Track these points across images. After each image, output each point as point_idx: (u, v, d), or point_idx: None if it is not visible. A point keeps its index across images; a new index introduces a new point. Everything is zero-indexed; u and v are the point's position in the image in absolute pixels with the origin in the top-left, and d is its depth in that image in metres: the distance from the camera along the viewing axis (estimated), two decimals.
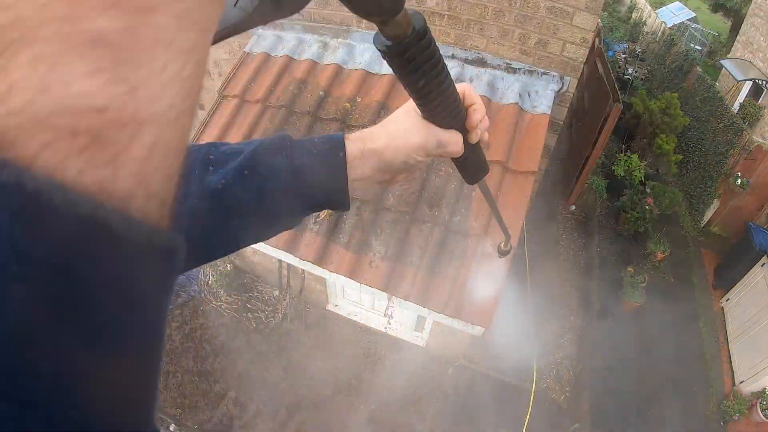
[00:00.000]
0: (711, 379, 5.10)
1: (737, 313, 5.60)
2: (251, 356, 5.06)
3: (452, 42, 2.34)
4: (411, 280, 1.96)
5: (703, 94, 8.31)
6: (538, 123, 2.18)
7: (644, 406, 4.74)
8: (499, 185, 2.07)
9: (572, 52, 2.12)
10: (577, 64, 2.14)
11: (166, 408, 4.54)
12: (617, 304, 5.63)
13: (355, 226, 2.09)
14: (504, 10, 2.12)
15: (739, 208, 6.72)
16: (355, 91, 2.42)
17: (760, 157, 6.24)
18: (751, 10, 10.12)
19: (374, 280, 1.98)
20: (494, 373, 4.92)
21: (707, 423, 4.70)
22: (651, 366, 5.15)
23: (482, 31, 2.22)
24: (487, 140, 0.62)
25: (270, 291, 5.70)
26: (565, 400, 4.76)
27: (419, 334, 5.09)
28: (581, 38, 2.07)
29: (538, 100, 2.24)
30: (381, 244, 2.04)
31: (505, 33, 2.18)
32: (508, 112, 2.21)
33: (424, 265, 1.96)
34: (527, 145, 2.13)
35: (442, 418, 4.55)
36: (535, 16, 2.08)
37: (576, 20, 2.02)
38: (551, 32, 2.09)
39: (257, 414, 4.57)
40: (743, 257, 5.75)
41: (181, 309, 5.58)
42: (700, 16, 16.14)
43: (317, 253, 2.07)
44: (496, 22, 2.17)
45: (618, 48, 12.85)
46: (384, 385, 4.82)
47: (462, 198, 2.08)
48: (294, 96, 2.44)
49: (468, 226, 2.00)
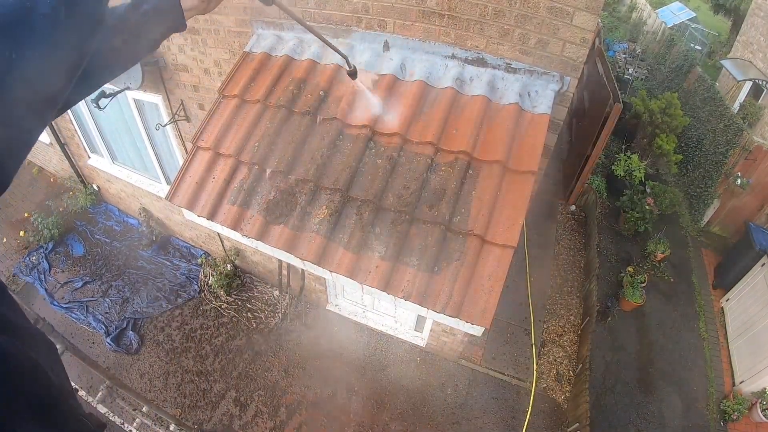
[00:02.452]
0: (711, 379, 5.10)
1: (737, 313, 5.60)
2: (251, 356, 5.06)
3: (452, 42, 2.33)
4: (411, 280, 1.96)
5: (703, 94, 8.31)
6: (538, 123, 2.18)
7: (644, 406, 4.74)
8: (499, 185, 2.07)
9: (572, 52, 2.12)
10: (577, 64, 2.14)
11: (166, 408, 4.53)
12: (617, 304, 5.63)
13: (355, 226, 2.08)
14: (504, 9, 2.11)
15: (739, 208, 6.73)
16: (354, 91, 2.42)
17: (760, 157, 6.24)
18: (751, 10, 10.12)
19: (374, 280, 1.97)
20: (494, 372, 4.92)
21: (707, 423, 4.70)
22: (651, 366, 5.15)
23: (482, 31, 2.22)
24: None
25: (270, 291, 5.70)
26: (565, 400, 4.76)
27: (419, 334, 5.09)
28: (581, 38, 2.06)
29: (538, 100, 2.23)
30: (381, 244, 2.04)
31: (505, 33, 2.18)
32: (508, 112, 2.20)
33: (424, 265, 1.96)
34: (527, 145, 2.13)
35: (442, 418, 4.55)
36: (535, 16, 2.07)
37: (576, 20, 2.02)
38: (551, 32, 2.09)
39: (257, 414, 4.57)
40: (743, 257, 5.75)
41: (181, 309, 5.58)
42: (700, 16, 16.13)
43: (317, 253, 2.07)
44: (496, 21, 2.16)
45: (618, 48, 12.85)
46: (384, 384, 4.82)
47: (462, 198, 2.08)
48: (294, 96, 2.44)
49: (468, 226, 2.00)
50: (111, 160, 5.76)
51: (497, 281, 1.90)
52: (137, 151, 5.20)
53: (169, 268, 6.03)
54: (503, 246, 1.95)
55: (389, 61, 2.45)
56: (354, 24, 2.51)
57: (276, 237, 2.16)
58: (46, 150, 6.96)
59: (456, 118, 2.25)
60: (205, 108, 3.82)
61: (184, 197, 2.41)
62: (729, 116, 7.04)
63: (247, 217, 2.27)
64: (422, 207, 2.07)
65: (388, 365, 4.97)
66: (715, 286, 6.27)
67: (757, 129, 8.60)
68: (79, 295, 5.68)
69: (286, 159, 2.27)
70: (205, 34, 3.19)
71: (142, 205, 6.11)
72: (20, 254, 6.22)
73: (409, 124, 2.25)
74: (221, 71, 3.35)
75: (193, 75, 3.62)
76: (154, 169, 5.15)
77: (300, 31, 2.70)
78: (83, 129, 5.69)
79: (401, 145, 2.22)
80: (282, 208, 2.20)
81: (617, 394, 4.80)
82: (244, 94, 2.55)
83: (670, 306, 5.88)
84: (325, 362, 4.99)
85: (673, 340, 5.47)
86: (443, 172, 2.14)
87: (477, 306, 1.88)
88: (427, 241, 2.01)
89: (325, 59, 2.58)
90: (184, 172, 2.50)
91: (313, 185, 2.20)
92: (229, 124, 2.49)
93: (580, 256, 6.48)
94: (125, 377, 4.86)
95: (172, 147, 4.62)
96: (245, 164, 2.38)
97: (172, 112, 4.09)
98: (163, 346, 5.18)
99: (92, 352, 5.06)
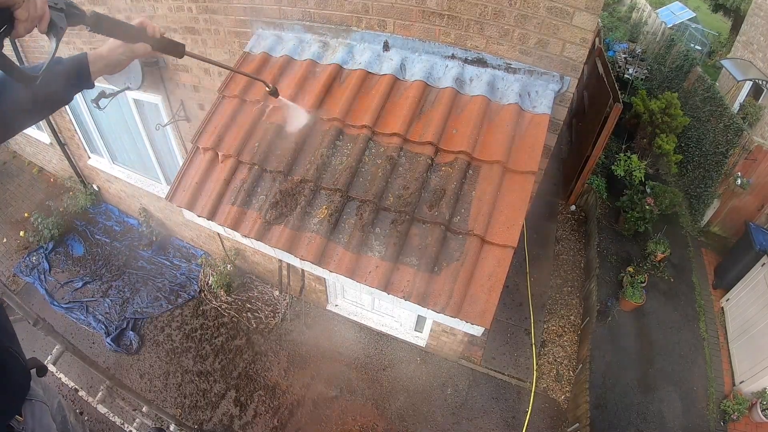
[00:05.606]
0: (711, 379, 5.10)
1: (737, 313, 5.60)
2: (251, 356, 5.06)
3: (452, 42, 2.33)
4: (411, 280, 1.96)
5: (703, 94, 8.30)
6: (538, 123, 2.18)
7: (644, 406, 4.73)
8: (499, 185, 2.07)
9: (572, 52, 2.12)
10: (577, 64, 2.14)
11: (166, 408, 4.53)
12: (617, 303, 5.63)
13: (355, 226, 2.08)
14: (504, 9, 2.11)
15: (739, 208, 6.72)
16: (354, 91, 2.42)
17: (760, 157, 6.23)
18: (751, 10, 10.12)
19: (374, 280, 1.97)
20: (494, 372, 4.92)
21: (707, 423, 4.70)
22: (651, 366, 5.15)
23: (482, 31, 2.22)
24: (154, 30, 1.25)
25: (270, 291, 5.70)
26: (565, 400, 4.76)
27: (419, 334, 5.09)
28: (581, 38, 2.06)
29: (538, 100, 2.23)
30: (381, 244, 2.04)
31: (505, 33, 2.18)
32: (508, 112, 2.20)
33: (424, 265, 1.96)
34: (527, 145, 2.13)
35: (442, 418, 4.55)
36: (535, 16, 2.07)
37: (576, 20, 2.02)
38: (551, 32, 2.09)
39: (257, 414, 4.57)
40: (743, 257, 5.74)
41: (181, 309, 5.58)
42: (700, 16, 16.13)
43: (317, 253, 2.07)
44: (496, 22, 2.16)
45: (618, 48, 12.85)
46: (384, 384, 4.82)
47: (462, 198, 2.08)
48: (294, 96, 2.44)
49: (468, 226, 2.00)
50: (111, 160, 5.76)
51: (497, 281, 1.90)
52: (137, 151, 5.20)
53: (169, 268, 6.04)
54: (503, 246, 1.95)
55: (389, 61, 2.46)
56: (354, 24, 2.51)
57: (276, 237, 2.16)
58: (46, 150, 6.96)
59: (456, 118, 2.25)
60: (205, 108, 3.82)
61: (184, 197, 2.41)
62: (729, 116, 7.03)
63: (247, 217, 2.27)
64: (422, 207, 2.07)
65: (389, 365, 4.97)
66: (715, 286, 6.26)
67: (758, 129, 8.60)
68: (79, 296, 5.68)
69: (286, 159, 2.27)
70: (205, 35, 3.19)
71: (142, 205, 6.11)
72: (20, 254, 6.23)
73: (409, 124, 2.25)
74: (221, 71, 3.35)
75: (193, 75, 3.62)
76: (154, 170, 5.15)
77: (300, 32, 2.70)
78: (83, 129, 5.69)
79: (401, 145, 2.22)
80: (282, 208, 2.20)
81: (617, 394, 4.80)
82: (244, 94, 2.55)
83: (670, 306, 5.88)
84: (325, 362, 4.99)
85: (673, 340, 5.46)
86: (443, 172, 2.14)
87: (477, 306, 1.88)
88: (427, 241, 2.01)
89: (325, 59, 2.59)
90: (184, 172, 2.50)
91: (313, 185, 2.20)
92: (229, 125, 2.50)
93: (580, 256, 6.48)
94: (125, 377, 4.86)
95: (172, 147, 4.62)
96: (245, 164, 2.38)
97: (172, 113, 4.09)
98: (163, 346, 5.18)
99: (92, 352, 5.06)
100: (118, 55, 1.26)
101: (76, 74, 1.22)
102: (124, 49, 1.25)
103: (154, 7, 3.26)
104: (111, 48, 1.25)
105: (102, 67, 1.26)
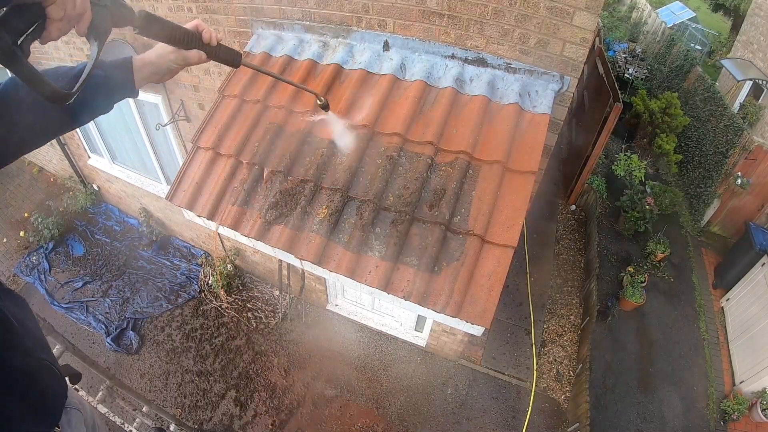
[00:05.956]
0: (711, 379, 5.10)
1: (737, 313, 5.60)
2: (251, 356, 5.06)
3: (452, 42, 2.33)
4: (411, 280, 1.96)
5: (703, 94, 8.30)
6: (538, 123, 2.18)
7: (644, 406, 4.74)
8: (499, 185, 2.07)
9: (572, 51, 2.12)
10: (577, 64, 2.14)
11: (167, 408, 4.53)
12: (617, 303, 5.63)
13: (355, 225, 2.08)
14: (504, 9, 2.11)
15: (739, 208, 6.72)
16: (354, 91, 2.42)
17: (760, 157, 6.23)
18: (751, 9, 10.12)
19: (374, 279, 1.97)
20: (494, 372, 4.92)
21: (707, 422, 4.70)
22: (651, 366, 5.15)
23: (482, 30, 2.22)
24: (210, 36, 1.11)
25: (270, 291, 5.70)
26: (565, 400, 4.76)
27: (419, 334, 5.09)
28: (581, 38, 2.06)
29: (538, 100, 2.23)
30: (381, 244, 2.04)
31: (505, 33, 2.18)
32: (508, 112, 2.20)
33: (424, 264, 1.96)
34: (527, 145, 2.13)
35: (442, 417, 4.55)
36: (535, 16, 2.07)
37: (576, 20, 2.02)
38: (551, 32, 2.09)
39: (257, 414, 4.57)
40: (743, 257, 5.75)
41: (182, 309, 5.58)
42: (700, 16, 16.12)
43: (317, 253, 2.07)
44: (496, 21, 2.16)
45: (618, 48, 12.84)
46: (384, 384, 4.82)
47: (462, 198, 2.07)
48: (294, 96, 2.44)
49: (468, 226, 2.00)
50: (111, 160, 5.76)
51: (497, 281, 1.90)
52: (137, 151, 5.20)
53: (169, 268, 6.04)
54: (503, 246, 1.95)
55: (389, 61, 2.46)
56: (354, 24, 2.51)
57: (276, 237, 2.16)
58: (46, 150, 6.96)
59: (456, 118, 2.25)
60: (205, 108, 3.82)
61: (184, 197, 2.41)
62: (729, 116, 7.03)
63: (247, 217, 2.27)
64: (422, 207, 2.07)
65: (389, 365, 4.97)
66: (715, 285, 6.27)
67: (758, 129, 8.61)
68: (80, 295, 5.68)
69: (286, 159, 2.27)
70: None
71: (142, 205, 6.11)
72: (20, 254, 6.23)
73: (409, 124, 2.25)
74: (221, 71, 3.35)
75: (193, 75, 3.62)
76: (154, 170, 5.15)
77: (300, 31, 2.70)
78: (83, 129, 5.68)
79: (401, 144, 2.22)
80: (282, 207, 2.20)
81: (617, 394, 4.80)
82: (245, 94, 2.55)
83: (670, 306, 5.88)
84: (325, 362, 4.99)
85: (673, 339, 5.47)
86: (443, 172, 2.14)
87: (477, 306, 1.88)
88: (427, 241, 2.01)
89: (325, 59, 2.58)
90: (184, 172, 2.50)
91: (313, 185, 2.20)
92: (229, 124, 2.50)
93: (580, 256, 6.48)
94: (125, 377, 4.86)
95: (172, 147, 4.62)
96: (245, 164, 2.38)
97: (172, 112, 4.09)
98: (163, 346, 5.18)
99: (92, 352, 5.06)
100: (169, 63, 1.11)
101: (120, 83, 1.08)
102: (176, 56, 1.10)
103: (154, 7, 3.26)
104: (160, 54, 1.10)
105: (149, 74, 1.12)
